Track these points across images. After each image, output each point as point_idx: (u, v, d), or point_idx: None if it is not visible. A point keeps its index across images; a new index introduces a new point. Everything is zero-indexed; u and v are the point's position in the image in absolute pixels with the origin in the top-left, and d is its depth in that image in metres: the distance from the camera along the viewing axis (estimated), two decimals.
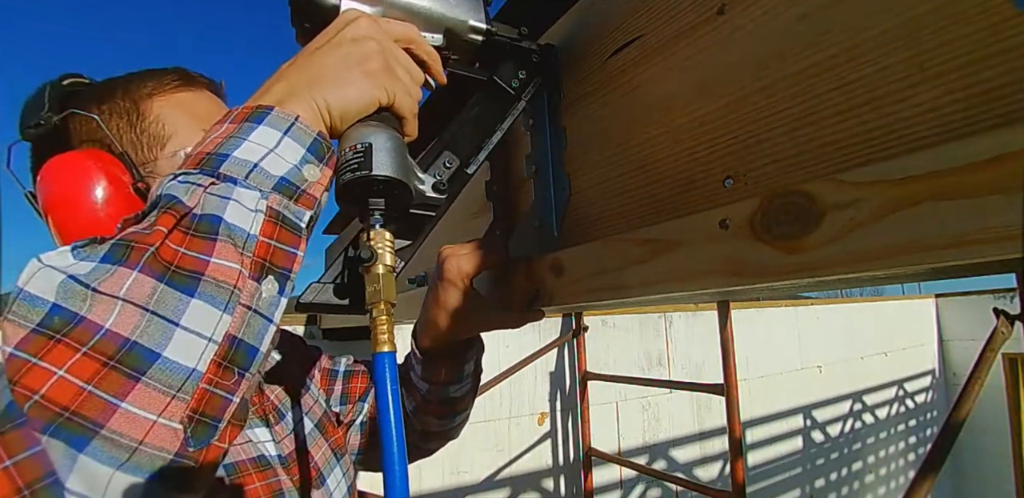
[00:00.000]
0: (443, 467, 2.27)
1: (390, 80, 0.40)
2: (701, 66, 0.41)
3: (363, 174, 0.37)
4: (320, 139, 0.36)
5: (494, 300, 0.60)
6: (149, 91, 0.52)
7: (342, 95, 0.38)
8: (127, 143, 0.50)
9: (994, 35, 0.25)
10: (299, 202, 0.34)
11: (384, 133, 0.39)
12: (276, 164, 0.34)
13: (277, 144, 0.34)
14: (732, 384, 1.96)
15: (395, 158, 0.38)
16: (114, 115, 0.50)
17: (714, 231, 0.35)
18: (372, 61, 0.39)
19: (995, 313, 1.55)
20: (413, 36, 0.43)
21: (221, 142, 0.34)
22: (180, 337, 0.27)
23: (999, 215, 0.22)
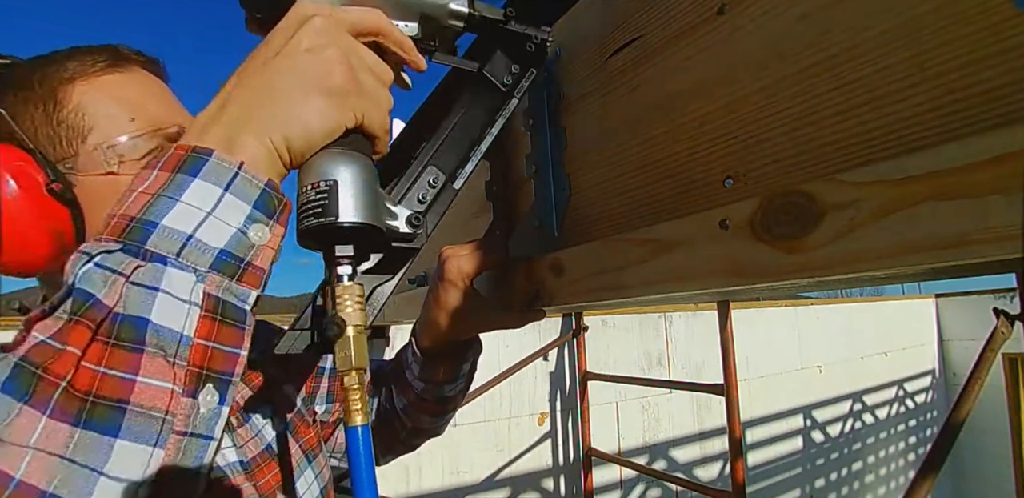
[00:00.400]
0: (443, 467, 2.27)
1: (357, 97, 0.34)
2: (701, 66, 0.41)
3: (328, 221, 0.32)
4: (269, 191, 0.31)
5: (494, 300, 0.60)
6: (70, 75, 0.45)
7: (301, 125, 0.32)
8: (43, 137, 0.44)
9: (994, 35, 0.25)
10: (243, 280, 0.30)
11: (351, 165, 0.34)
12: (215, 232, 0.29)
13: (216, 204, 0.29)
14: (732, 384, 1.96)
15: (364, 197, 0.34)
16: (29, 104, 0.44)
17: (714, 231, 0.35)
18: (334, 75, 0.33)
19: (995, 313, 1.55)
20: (380, 26, 0.37)
21: (149, 202, 0.28)
22: (104, 485, 0.24)
23: (999, 215, 0.22)
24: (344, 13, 0.35)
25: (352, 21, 0.36)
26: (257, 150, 0.31)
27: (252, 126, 0.31)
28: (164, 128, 0.47)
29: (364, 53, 0.36)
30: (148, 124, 0.46)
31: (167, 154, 0.30)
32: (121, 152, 0.44)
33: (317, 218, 0.32)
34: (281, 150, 0.32)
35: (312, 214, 0.32)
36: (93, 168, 0.44)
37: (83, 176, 0.44)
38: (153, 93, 0.49)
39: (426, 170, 0.43)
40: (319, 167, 0.33)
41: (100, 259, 0.27)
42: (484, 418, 2.41)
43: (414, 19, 0.41)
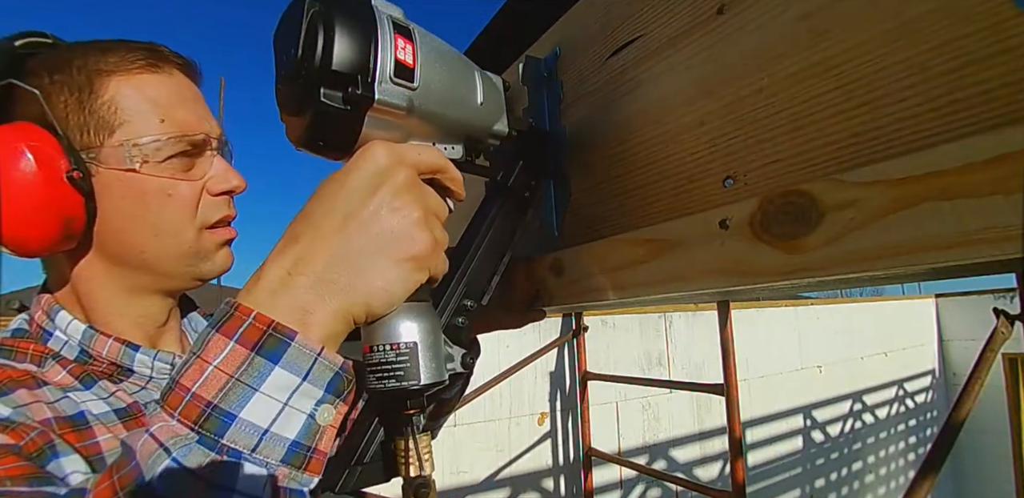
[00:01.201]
0: (443, 467, 2.27)
1: (435, 257, 0.33)
2: (701, 66, 0.41)
3: (410, 385, 0.32)
4: (342, 374, 0.31)
5: (494, 301, 0.60)
6: (110, 68, 0.45)
7: (385, 295, 0.31)
8: (72, 123, 0.44)
9: (994, 35, 0.25)
10: (308, 469, 0.29)
11: (425, 322, 0.34)
12: (288, 422, 0.28)
13: (293, 393, 0.28)
14: (732, 384, 1.96)
15: (438, 355, 0.34)
16: (65, 89, 0.44)
17: (714, 231, 0.35)
18: (421, 242, 0.32)
19: (995, 313, 1.55)
20: (442, 165, 0.36)
21: (226, 387, 0.27)
22: None
23: (999, 215, 0.22)
24: (414, 156, 0.34)
25: (420, 165, 0.35)
26: (335, 324, 0.30)
27: (333, 297, 0.30)
28: (190, 134, 0.47)
29: (436, 203, 0.35)
30: (176, 128, 0.47)
31: (245, 322, 0.29)
32: (146, 152, 0.45)
33: (400, 382, 0.32)
34: (359, 316, 0.32)
35: (394, 377, 0.32)
36: (115, 163, 0.44)
37: (104, 169, 0.44)
38: (185, 98, 0.49)
39: (462, 293, 0.43)
40: (397, 328, 0.33)
41: (178, 455, 0.26)
42: (484, 418, 2.41)
43: (460, 141, 0.41)
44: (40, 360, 0.45)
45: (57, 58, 0.45)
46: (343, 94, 0.32)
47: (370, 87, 0.32)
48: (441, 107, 0.37)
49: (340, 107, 0.32)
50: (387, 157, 0.33)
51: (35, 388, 0.41)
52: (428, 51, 0.36)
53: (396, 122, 0.35)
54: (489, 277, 0.46)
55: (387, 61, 0.33)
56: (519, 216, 0.48)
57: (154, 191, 0.46)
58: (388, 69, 0.33)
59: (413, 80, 0.34)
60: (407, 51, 0.34)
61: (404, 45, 0.34)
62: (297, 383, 0.29)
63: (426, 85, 0.35)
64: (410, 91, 0.34)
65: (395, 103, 0.33)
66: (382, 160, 0.32)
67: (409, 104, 0.34)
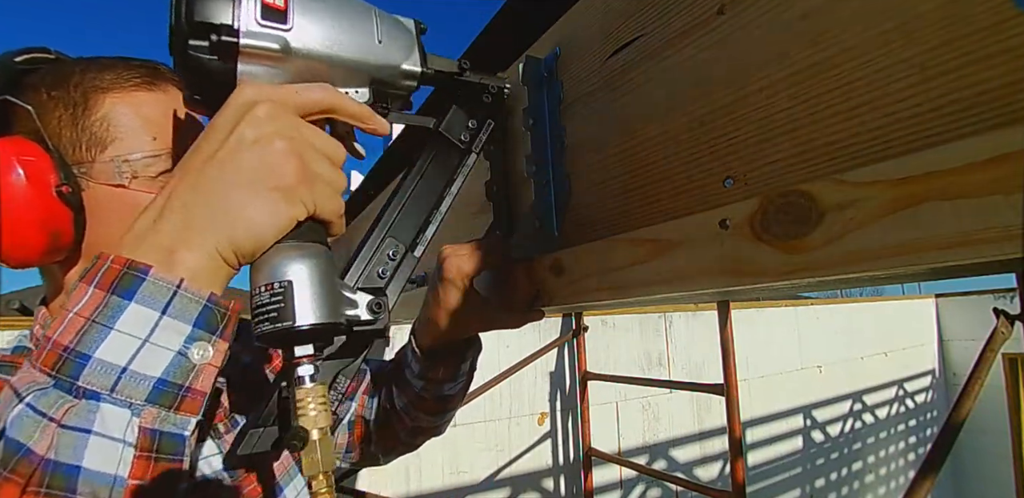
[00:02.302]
0: (443, 467, 2.27)
1: (308, 188, 0.33)
2: (701, 66, 0.41)
3: (285, 326, 0.31)
4: (212, 306, 0.30)
5: (495, 300, 0.60)
6: (106, 85, 0.46)
7: (248, 227, 0.30)
8: (64, 139, 0.45)
9: (994, 35, 0.25)
10: (182, 409, 0.28)
11: (305, 261, 0.32)
12: (152, 359, 0.28)
13: (153, 329, 0.28)
14: (732, 384, 1.96)
15: (320, 295, 0.32)
16: (60, 105, 0.45)
17: (714, 231, 0.35)
18: (282, 170, 0.31)
19: (995, 313, 1.55)
20: (331, 102, 0.35)
21: (82, 329, 0.27)
22: None
23: (999, 215, 0.22)
24: (290, 94, 0.34)
25: (299, 103, 0.34)
26: (199, 260, 0.30)
27: (194, 233, 0.30)
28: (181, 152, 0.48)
29: (315, 138, 0.34)
30: (167, 145, 0.47)
31: (103, 266, 0.29)
32: (136, 168, 0.45)
33: (273, 323, 0.31)
34: (227, 255, 0.31)
35: (268, 319, 0.31)
36: (106, 178, 0.45)
37: (94, 184, 0.45)
38: (179, 116, 0.49)
39: (384, 243, 0.43)
40: (271, 267, 0.32)
41: (32, 400, 0.26)
42: (484, 418, 2.41)
43: (364, 84, 0.39)
44: None
45: (55, 74, 0.46)
46: (209, 44, 0.32)
47: (234, 32, 0.32)
48: (327, 47, 0.36)
49: (208, 57, 0.33)
50: (252, 94, 0.32)
51: None
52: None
53: (275, 66, 0.35)
54: (419, 225, 0.44)
55: (251, 5, 0.33)
56: (454, 161, 0.47)
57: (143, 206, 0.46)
58: (253, 13, 0.33)
59: (286, 21, 0.34)
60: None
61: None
62: (156, 318, 0.28)
63: (302, 25, 0.35)
64: (282, 32, 0.34)
65: (264, 45, 0.33)
66: (244, 96, 0.32)
67: (284, 45, 0.34)
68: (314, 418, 0.32)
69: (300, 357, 0.32)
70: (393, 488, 2.13)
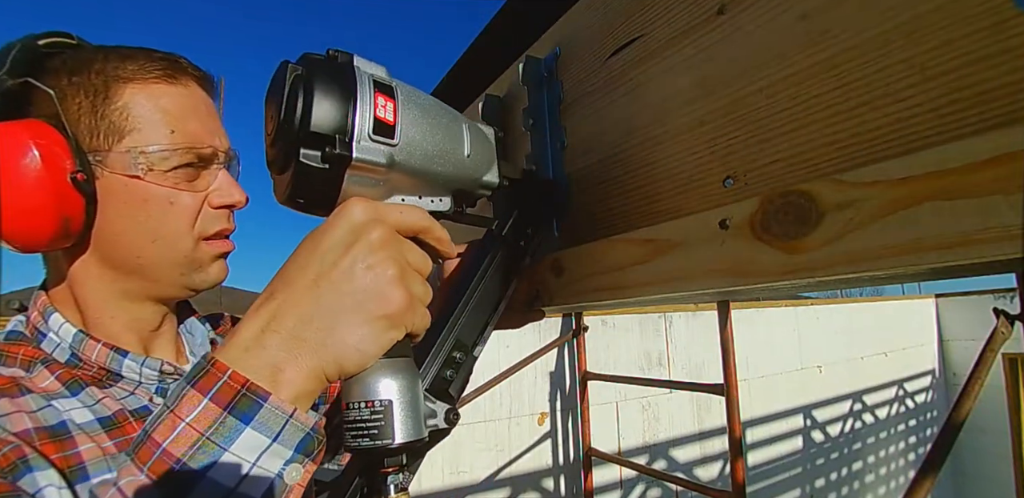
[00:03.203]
0: (443, 467, 2.27)
1: (412, 313, 0.33)
2: (701, 66, 0.41)
3: (384, 445, 0.32)
4: (313, 435, 0.31)
5: None
6: (128, 75, 0.46)
7: (358, 353, 0.31)
8: (83, 126, 0.44)
9: (994, 35, 0.25)
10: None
11: (401, 379, 0.33)
12: (255, 483, 0.28)
13: (260, 455, 0.29)
14: (732, 384, 1.96)
15: (415, 414, 0.33)
16: (80, 91, 0.45)
17: (714, 231, 0.35)
18: (394, 298, 0.32)
19: (995, 313, 1.55)
20: (425, 226, 0.36)
21: (196, 445, 0.28)
22: None
23: (999, 215, 0.22)
24: (395, 215, 0.34)
25: (401, 225, 0.35)
26: (306, 381, 0.30)
27: (305, 355, 0.30)
28: (198, 147, 0.48)
29: (415, 258, 0.35)
30: (185, 140, 0.47)
31: (220, 380, 0.29)
32: (152, 160, 0.45)
33: (373, 440, 0.32)
34: (331, 375, 0.31)
35: (367, 436, 0.32)
36: (121, 168, 0.45)
37: (109, 173, 0.45)
38: (198, 110, 0.49)
39: (449, 346, 0.43)
40: (371, 385, 0.33)
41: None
42: (484, 418, 2.41)
43: (448, 194, 0.41)
44: (29, 365, 0.45)
45: (77, 60, 0.46)
46: (322, 153, 0.32)
47: (348, 146, 0.33)
48: (424, 161, 0.37)
49: (319, 166, 0.33)
50: (363, 214, 0.33)
51: (18, 397, 0.41)
52: (410, 107, 0.36)
53: (377, 178, 0.35)
54: (481, 329, 0.45)
55: (366, 120, 0.33)
56: (514, 265, 0.48)
57: (156, 198, 0.46)
58: (367, 128, 0.33)
59: (394, 137, 0.35)
60: (387, 109, 0.34)
61: (385, 103, 0.34)
62: (267, 444, 0.29)
63: (407, 141, 0.35)
64: (390, 147, 0.35)
65: (374, 160, 0.34)
66: (358, 217, 0.33)
67: (390, 160, 0.34)
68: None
69: (388, 468, 0.34)
70: None
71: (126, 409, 0.47)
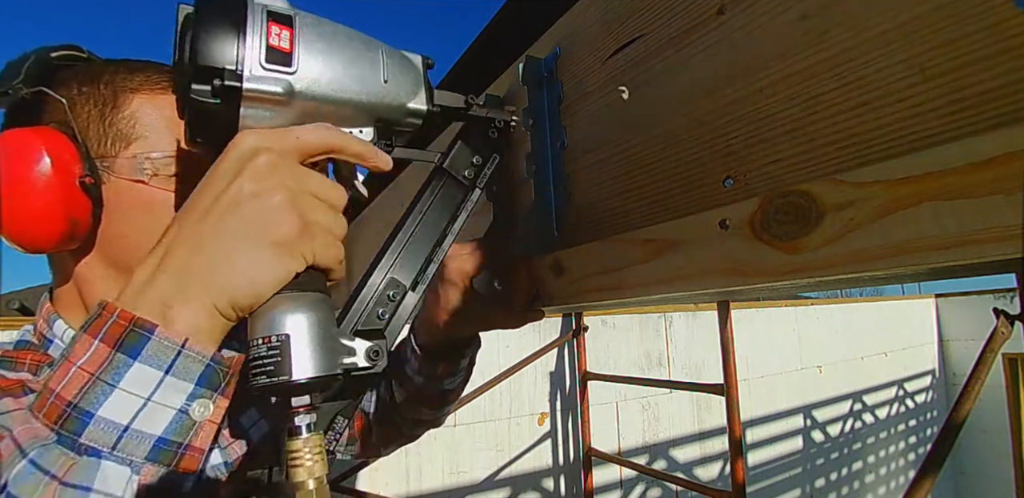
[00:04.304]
0: (443, 467, 2.27)
1: (308, 241, 0.32)
2: (701, 66, 0.41)
3: (282, 380, 0.31)
4: (214, 365, 0.30)
5: (494, 300, 0.60)
6: (135, 86, 0.48)
7: (247, 283, 0.30)
8: (92, 133, 0.46)
9: (994, 35, 0.25)
10: (180, 466, 0.29)
11: (303, 312, 0.32)
12: (154, 418, 0.28)
13: (155, 389, 0.28)
14: (732, 384, 1.96)
15: (318, 349, 0.32)
16: (90, 101, 0.47)
17: (714, 231, 0.35)
18: (282, 224, 0.31)
19: (995, 313, 1.55)
20: (333, 143, 0.35)
21: (86, 386, 0.27)
22: None
23: (999, 215, 0.22)
24: (291, 140, 0.33)
25: (301, 147, 0.34)
26: (199, 317, 0.30)
27: (194, 289, 0.30)
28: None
29: (315, 185, 0.34)
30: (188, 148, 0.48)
31: (109, 320, 0.29)
32: (157, 166, 0.47)
33: (270, 377, 0.31)
34: (226, 310, 0.31)
35: (264, 373, 0.31)
36: (127, 173, 0.46)
37: (116, 178, 0.47)
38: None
39: (385, 283, 0.41)
40: (268, 320, 0.31)
41: (35, 456, 0.26)
42: (484, 418, 2.41)
43: (369, 124, 0.39)
44: (37, 369, 0.46)
45: (88, 72, 0.48)
46: (211, 87, 0.31)
47: (238, 77, 0.32)
48: (332, 88, 0.35)
49: (211, 101, 0.32)
50: (253, 142, 0.32)
51: (21, 397, 0.42)
52: (312, 35, 0.35)
53: (278, 110, 0.34)
54: (421, 265, 0.43)
55: (256, 49, 0.32)
56: (459, 198, 0.45)
57: (161, 202, 0.47)
58: (258, 57, 0.32)
59: (291, 64, 0.33)
60: (282, 37, 0.33)
61: (280, 31, 0.33)
62: (160, 377, 0.28)
63: (309, 68, 0.34)
64: (287, 75, 0.33)
65: (269, 89, 0.33)
66: (245, 145, 0.32)
67: (288, 89, 0.33)
68: (310, 468, 0.32)
69: (296, 407, 0.32)
70: (393, 488, 2.13)
71: None
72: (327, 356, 0.33)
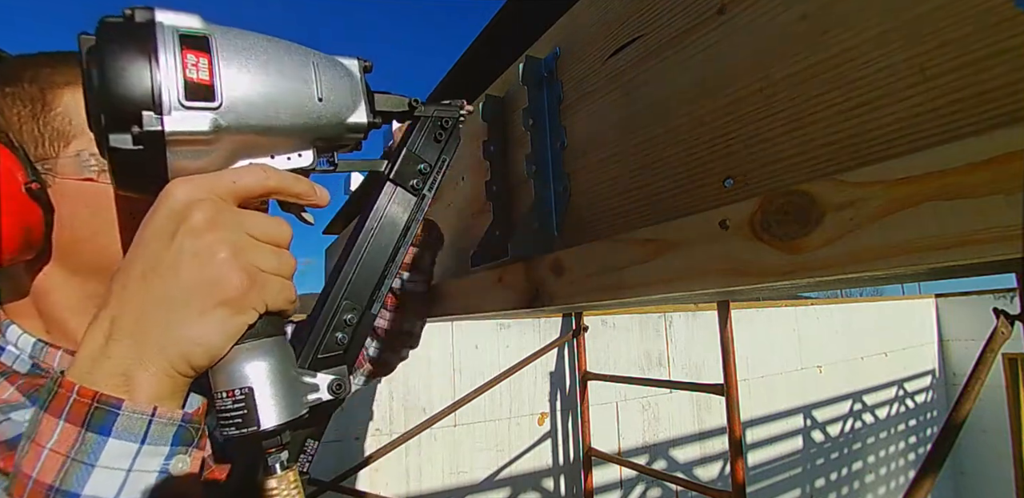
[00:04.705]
0: (443, 467, 2.27)
1: (258, 293, 0.31)
2: (701, 66, 0.41)
3: (251, 431, 0.30)
4: (186, 425, 0.30)
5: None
6: (64, 80, 0.44)
7: (201, 345, 0.30)
8: (27, 135, 0.43)
9: (994, 35, 0.25)
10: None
11: (263, 361, 0.32)
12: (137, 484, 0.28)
13: (134, 459, 0.28)
14: (732, 384, 1.96)
15: (282, 395, 0.32)
16: (18, 102, 0.44)
17: (714, 231, 0.35)
18: (230, 283, 0.30)
19: (995, 313, 1.55)
20: (271, 186, 0.33)
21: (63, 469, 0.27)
22: None
23: (999, 215, 0.22)
24: (226, 185, 0.31)
25: (237, 193, 0.32)
26: (161, 383, 0.29)
27: (149, 355, 0.29)
28: None
29: (257, 229, 0.32)
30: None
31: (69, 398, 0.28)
32: (103, 162, 0.43)
33: (239, 429, 0.31)
34: (185, 370, 0.30)
35: (233, 424, 0.31)
36: (72, 173, 0.44)
37: (61, 179, 0.44)
38: None
39: (341, 308, 0.40)
40: (228, 373, 0.31)
41: None
42: (484, 418, 2.41)
43: (307, 146, 0.36)
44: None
45: (7, 72, 0.45)
46: (131, 135, 0.29)
47: (158, 120, 0.29)
48: (263, 117, 0.32)
49: (133, 148, 0.29)
50: (185, 194, 0.30)
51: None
52: (232, 58, 0.31)
53: (208, 148, 0.31)
54: (376, 283, 0.41)
55: (173, 85, 0.29)
56: (410, 210, 0.43)
57: (112, 199, 0.45)
58: (175, 94, 0.29)
59: (214, 98, 0.30)
60: (201, 66, 0.30)
61: (196, 60, 0.30)
62: (136, 449, 0.29)
63: (233, 99, 0.31)
64: (212, 111, 0.30)
65: (194, 130, 0.30)
66: (179, 199, 0.30)
67: (215, 126, 0.30)
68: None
69: (269, 449, 0.32)
70: (393, 488, 2.13)
71: None
72: (292, 401, 0.32)
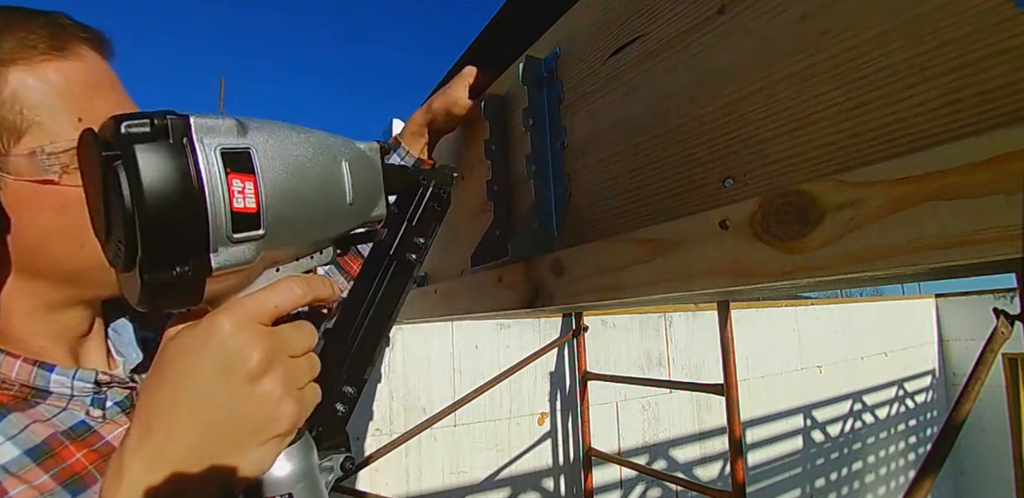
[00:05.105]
0: (443, 467, 2.27)
1: (304, 415, 0.31)
2: (701, 66, 0.41)
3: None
4: None
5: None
6: (6, 55, 0.37)
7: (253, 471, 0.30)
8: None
9: (994, 35, 0.25)
10: None
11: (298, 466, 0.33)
12: None
13: None
14: (732, 384, 1.96)
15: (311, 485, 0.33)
16: None
17: (714, 231, 0.35)
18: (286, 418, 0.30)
19: (995, 313, 1.55)
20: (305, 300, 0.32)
21: None
22: None
23: (999, 215, 0.22)
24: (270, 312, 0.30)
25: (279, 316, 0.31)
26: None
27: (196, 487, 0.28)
28: None
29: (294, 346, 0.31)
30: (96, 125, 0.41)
31: None
32: (64, 160, 0.38)
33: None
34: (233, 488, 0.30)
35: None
36: (28, 173, 0.38)
37: (14, 180, 0.38)
38: (101, 85, 0.41)
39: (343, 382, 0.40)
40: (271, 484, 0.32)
41: None
42: (484, 418, 2.41)
43: (328, 245, 0.35)
44: None
45: None
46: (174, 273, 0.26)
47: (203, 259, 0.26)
48: (299, 233, 0.31)
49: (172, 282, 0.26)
50: (233, 327, 0.29)
51: None
52: (269, 173, 0.28)
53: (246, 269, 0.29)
54: (372, 352, 0.41)
55: (221, 220, 0.26)
56: (407, 280, 0.43)
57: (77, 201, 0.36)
58: (224, 230, 0.26)
59: (259, 226, 0.27)
60: (247, 192, 0.27)
61: (243, 185, 0.26)
62: None
63: (276, 221, 0.28)
64: (257, 240, 0.28)
65: (240, 262, 0.28)
66: (227, 332, 0.29)
67: (257, 252, 0.28)
68: None
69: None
70: (393, 488, 2.13)
71: (59, 431, 0.40)
72: (320, 492, 0.34)
